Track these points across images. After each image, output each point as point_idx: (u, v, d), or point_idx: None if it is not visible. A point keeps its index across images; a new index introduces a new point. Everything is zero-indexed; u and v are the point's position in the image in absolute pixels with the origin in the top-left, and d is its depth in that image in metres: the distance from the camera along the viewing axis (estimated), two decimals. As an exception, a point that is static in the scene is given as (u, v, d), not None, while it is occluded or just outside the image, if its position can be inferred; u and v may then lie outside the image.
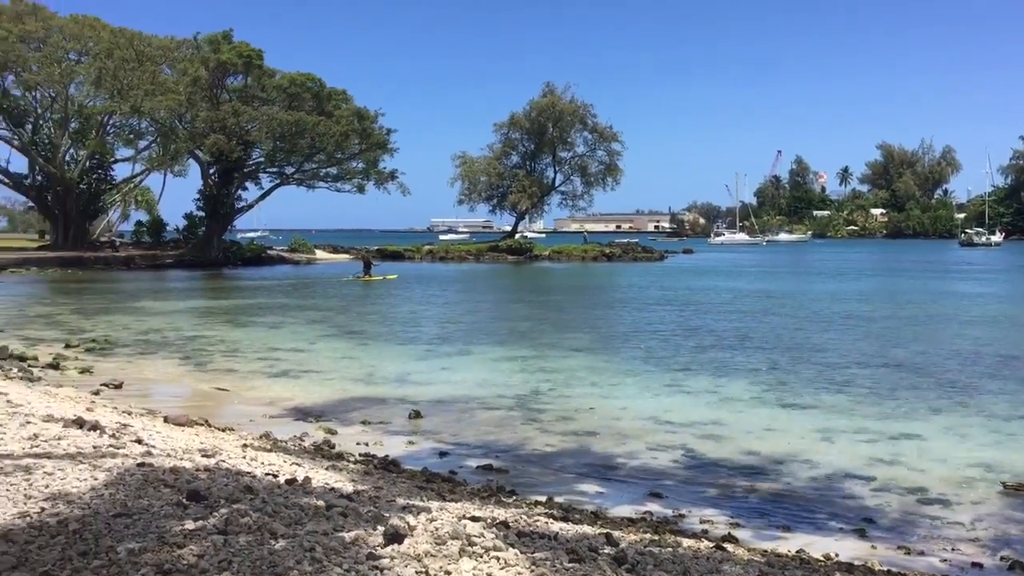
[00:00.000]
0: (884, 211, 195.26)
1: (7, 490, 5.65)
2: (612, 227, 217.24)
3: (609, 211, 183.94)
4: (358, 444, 11.20)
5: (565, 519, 7.20)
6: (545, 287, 47.25)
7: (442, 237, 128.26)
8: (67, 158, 65.03)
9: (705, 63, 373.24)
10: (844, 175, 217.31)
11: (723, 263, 74.82)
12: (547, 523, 6.56)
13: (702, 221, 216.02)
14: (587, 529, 6.65)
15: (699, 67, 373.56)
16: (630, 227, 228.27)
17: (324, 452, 10.33)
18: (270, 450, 9.65)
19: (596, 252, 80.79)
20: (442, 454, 10.93)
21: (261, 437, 10.84)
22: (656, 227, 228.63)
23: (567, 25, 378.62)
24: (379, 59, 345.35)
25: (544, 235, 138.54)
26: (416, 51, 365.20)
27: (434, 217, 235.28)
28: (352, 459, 10.00)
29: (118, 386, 14.93)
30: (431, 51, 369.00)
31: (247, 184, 68.66)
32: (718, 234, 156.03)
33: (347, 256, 79.82)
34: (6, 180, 66.41)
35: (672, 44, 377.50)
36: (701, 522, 8.25)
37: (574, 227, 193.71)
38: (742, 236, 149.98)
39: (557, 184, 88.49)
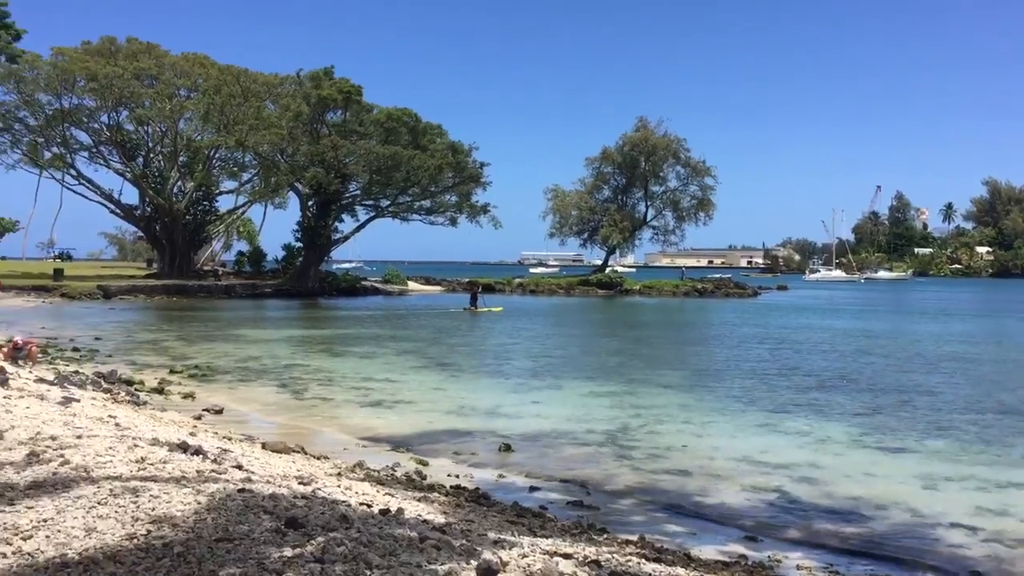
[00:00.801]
0: (990, 249, 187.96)
1: (116, 511, 5.86)
2: (704, 262, 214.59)
3: (701, 246, 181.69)
4: (449, 476, 11.26)
5: (657, 560, 7.09)
6: (636, 322, 46.91)
7: (532, 270, 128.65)
8: (175, 190, 67.76)
9: (801, 97, 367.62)
10: (948, 212, 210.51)
11: (819, 300, 73.02)
12: (639, 563, 6.47)
13: (797, 257, 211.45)
14: (680, 571, 6.53)
15: (795, 101, 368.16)
16: (722, 262, 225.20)
17: (416, 483, 10.41)
18: (363, 479, 9.78)
19: (688, 287, 79.92)
20: (532, 488, 10.90)
21: (355, 466, 11.00)
22: (749, 263, 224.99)
23: (660, 59, 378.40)
24: (474, 93, 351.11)
25: (635, 269, 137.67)
26: (510, 85, 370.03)
27: (525, 250, 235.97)
28: (443, 491, 10.06)
29: (219, 412, 15.39)
30: (525, 85, 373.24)
31: (344, 216, 70.33)
32: (813, 271, 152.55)
33: (439, 288, 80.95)
34: (118, 211, 69.58)
35: (768, 78, 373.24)
36: (798, 568, 8.02)
37: (665, 262, 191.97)
38: (839, 273, 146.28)
39: (649, 219, 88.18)
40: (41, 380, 15.75)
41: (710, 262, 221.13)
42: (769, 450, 13.35)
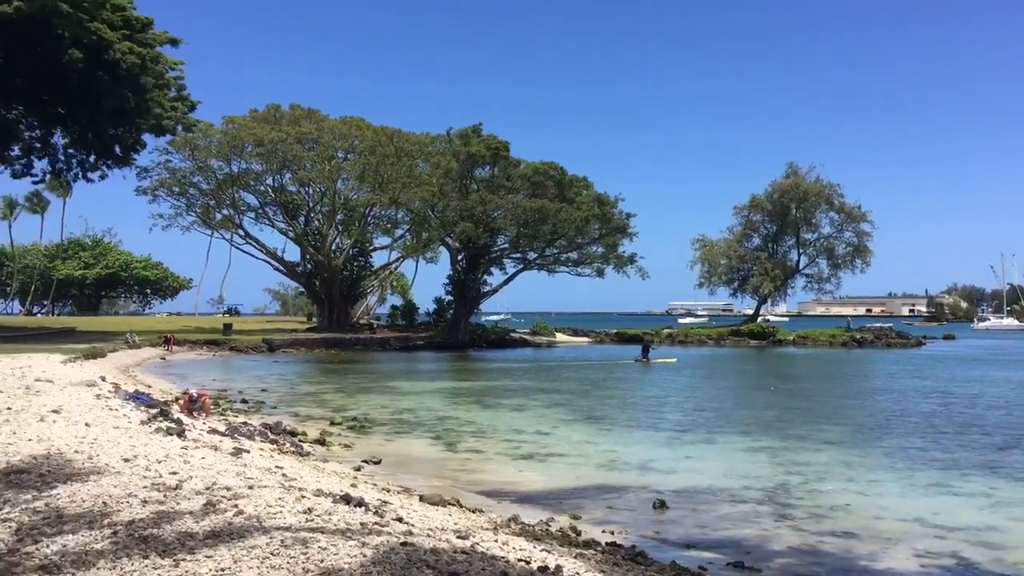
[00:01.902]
0: None
1: (288, 562, 6.12)
2: (862, 311, 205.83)
3: (858, 294, 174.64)
4: (603, 532, 11.16)
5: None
6: (791, 374, 45.38)
7: (681, 320, 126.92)
8: (333, 247, 70.85)
9: (966, 136, 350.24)
10: None
11: (991, 351, 68.66)
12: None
13: (964, 305, 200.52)
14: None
15: (958, 140, 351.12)
16: (882, 311, 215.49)
17: (571, 539, 10.37)
18: (519, 534, 9.82)
19: (845, 337, 76.84)
20: (689, 547, 10.66)
21: (509, 520, 11.06)
22: (911, 311, 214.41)
23: (809, 103, 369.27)
24: (618, 143, 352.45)
25: (788, 319, 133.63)
26: (655, 135, 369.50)
27: (672, 300, 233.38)
28: (599, 548, 9.97)
29: (377, 463, 15.83)
30: (670, 133, 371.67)
31: (492, 269, 71.65)
32: (982, 319, 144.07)
33: (587, 339, 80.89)
34: (281, 268, 73.40)
35: (925, 116, 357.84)
36: (981, 642, 7.50)
37: (820, 311, 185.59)
38: (1011, 321, 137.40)
39: (801, 267, 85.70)
40: (214, 431, 16.66)
41: (868, 311, 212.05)
42: (942, 511, 12.60)
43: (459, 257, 69.33)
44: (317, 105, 72.46)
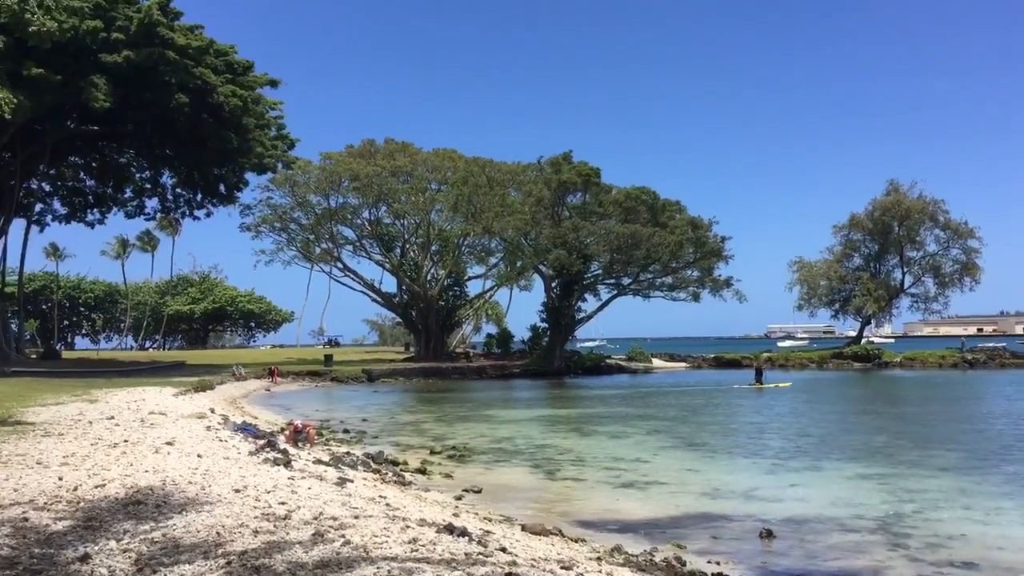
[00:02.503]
0: None
1: (396, 592, 6.20)
2: (972, 330, 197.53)
3: (968, 313, 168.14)
4: (708, 562, 10.95)
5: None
6: (899, 397, 43.85)
7: (781, 344, 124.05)
8: (428, 277, 71.90)
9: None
10: None
11: (1116, 369, 64.98)
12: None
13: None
14: None
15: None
16: (994, 330, 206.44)
17: (676, 570, 10.21)
18: (623, 564, 9.73)
19: (955, 359, 73.91)
20: (799, 578, 10.37)
21: (612, 550, 10.96)
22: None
23: (908, 113, 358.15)
24: (711, 166, 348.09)
25: (893, 340, 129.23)
26: (745, 157, 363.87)
27: (771, 323, 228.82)
28: (705, 579, 9.79)
29: (478, 491, 15.91)
30: (761, 155, 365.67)
31: (586, 295, 71.53)
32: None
33: (684, 364, 79.91)
34: (379, 299, 74.90)
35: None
36: None
37: (927, 331, 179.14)
38: None
39: (906, 286, 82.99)
40: (319, 461, 17.01)
41: (979, 330, 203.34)
42: (1070, 542, 11.95)
43: (553, 284, 69.47)
44: (410, 138, 74.01)
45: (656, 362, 78.77)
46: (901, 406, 37.45)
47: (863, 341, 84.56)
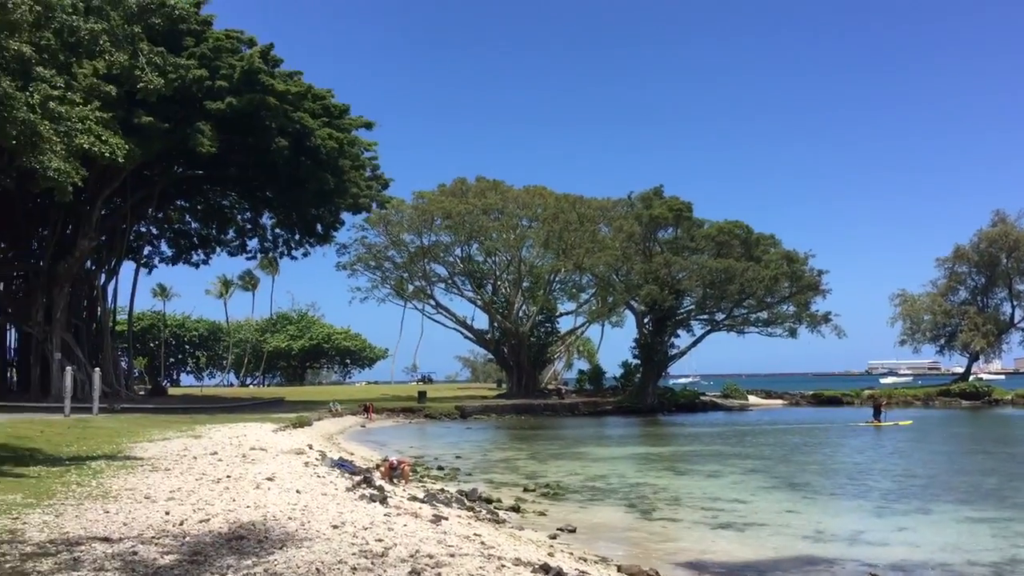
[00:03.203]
0: None
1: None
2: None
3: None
4: (813, 609, 10.60)
5: None
6: (1011, 437, 41.89)
7: (883, 380, 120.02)
8: (520, 314, 72.17)
9: None
10: None
11: None
12: None
13: None
14: None
15: None
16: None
17: (778, 615, 9.90)
18: (723, 609, 9.49)
19: (1075, 395, 70.30)
20: (909, 628, 9.94)
21: (711, 594, 10.71)
22: None
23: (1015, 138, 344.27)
24: (805, 196, 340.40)
25: (1004, 377, 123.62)
26: (841, 189, 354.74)
27: (872, 359, 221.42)
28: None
29: (572, 531, 15.77)
30: (858, 188, 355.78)
31: (679, 331, 70.66)
32: None
33: (781, 401, 78.08)
34: (471, 335, 75.48)
35: None
36: None
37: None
38: None
39: (1017, 320, 79.42)
40: (414, 498, 17.14)
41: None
42: None
43: (645, 320, 68.87)
44: (501, 176, 74.97)
45: (752, 399, 77.09)
46: (1014, 446, 35.76)
47: (971, 378, 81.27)
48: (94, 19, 19.76)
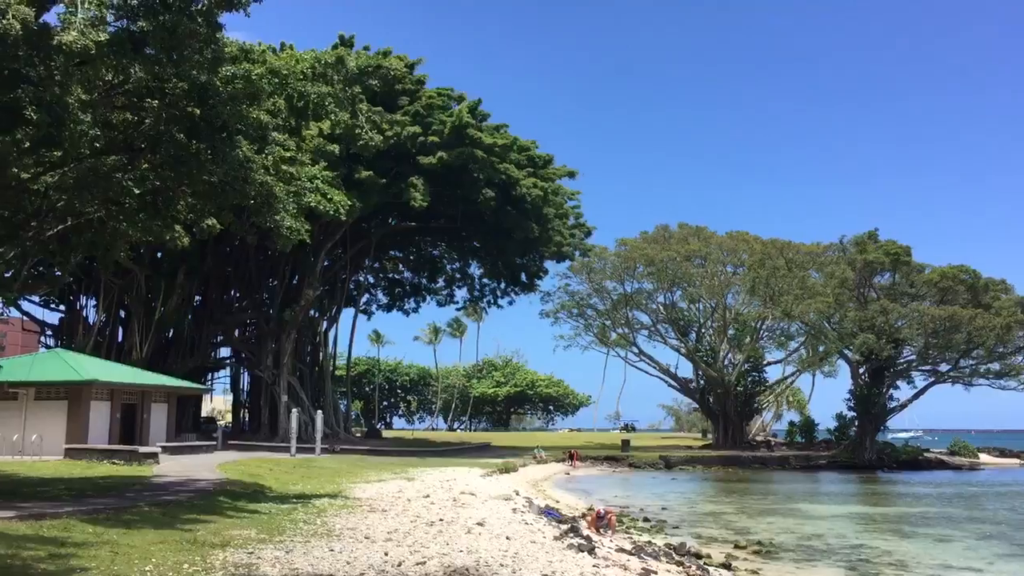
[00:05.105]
0: None
1: None
2: None
3: None
4: None
5: None
6: None
7: None
8: (725, 362, 70.36)
9: None
10: None
11: None
12: None
13: None
14: None
15: None
16: None
17: None
18: None
19: None
20: None
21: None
22: None
23: None
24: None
25: None
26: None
27: None
28: None
29: (788, 593, 15.04)
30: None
31: (898, 383, 66.45)
32: None
33: (1017, 461, 71.70)
34: (675, 384, 74.34)
35: None
36: None
37: None
38: None
39: None
40: (621, 550, 16.96)
41: None
42: None
43: (860, 370, 65.25)
44: (703, 222, 73.84)
45: (983, 457, 71.10)
46: None
47: None
48: (320, 83, 21.34)
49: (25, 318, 54.25)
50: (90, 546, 11.96)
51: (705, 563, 17.76)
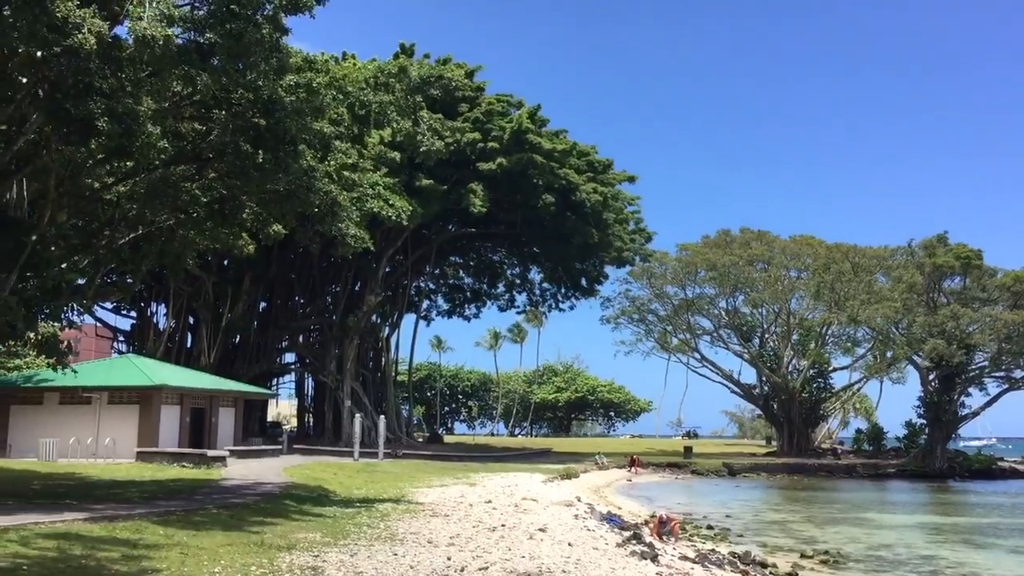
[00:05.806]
0: None
1: None
2: None
3: None
4: None
5: None
6: None
7: None
8: (790, 368, 69.30)
9: None
10: None
11: None
12: None
13: None
14: None
15: None
16: None
17: None
18: None
19: None
20: None
21: None
22: None
23: None
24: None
25: None
26: None
27: None
28: None
29: (856, 604, 14.74)
30: None
31: (970, 390, 64.70)
32: None
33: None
34: (738, 390, 73.41)
35: None
36: None
37: None
38: None
39: None
40: (684, 558, 16.79)
41: None
42: None
43: (930, 377, 63.67)
44: (766, 226, 72.81)
45: (1061, 467, 68.77)
46: None
47: None
48: (382, 92, 21.57)
49: (98, 324, 55.67)
50: (161, 548, 12.25)
51: (771, 572, 17.53)
